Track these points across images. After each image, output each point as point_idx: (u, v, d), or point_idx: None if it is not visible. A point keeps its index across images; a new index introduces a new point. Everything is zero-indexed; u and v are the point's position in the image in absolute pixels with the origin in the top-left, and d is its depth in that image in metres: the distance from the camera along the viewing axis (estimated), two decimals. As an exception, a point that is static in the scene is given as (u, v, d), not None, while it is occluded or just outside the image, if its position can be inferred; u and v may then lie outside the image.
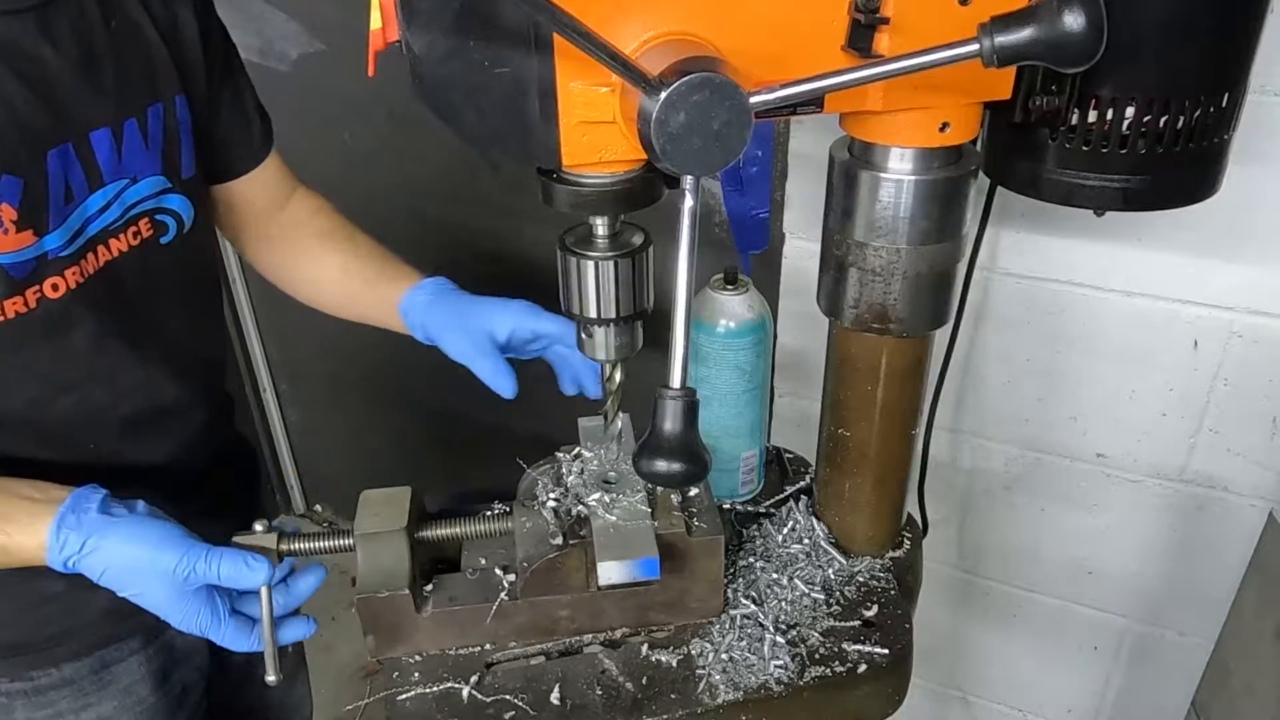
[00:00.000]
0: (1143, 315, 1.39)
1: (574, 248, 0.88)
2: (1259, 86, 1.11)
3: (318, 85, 2.18)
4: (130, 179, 1.02)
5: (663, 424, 0.70)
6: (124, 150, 1.01)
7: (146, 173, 1.04)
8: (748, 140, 0.67)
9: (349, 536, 1.02)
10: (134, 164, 1.02)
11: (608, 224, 0.87)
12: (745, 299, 1.16)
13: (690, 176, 0.69)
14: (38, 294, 0.95)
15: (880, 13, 0.76)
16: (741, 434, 1.23)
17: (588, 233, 0.88)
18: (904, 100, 0.84)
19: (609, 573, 0.96)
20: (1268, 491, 1.44)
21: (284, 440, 2.97)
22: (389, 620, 1.03)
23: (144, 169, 1.04)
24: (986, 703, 1.94)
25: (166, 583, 0.91)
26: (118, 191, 1.01)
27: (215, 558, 0.91)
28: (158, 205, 1.07)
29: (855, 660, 1.05)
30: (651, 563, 0.96)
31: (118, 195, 1.01)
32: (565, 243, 0.89)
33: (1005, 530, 1.69)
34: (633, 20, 0.72)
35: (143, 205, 1.05)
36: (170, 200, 1.08)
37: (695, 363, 1.18)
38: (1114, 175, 0.91)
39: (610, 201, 0.82)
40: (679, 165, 0.67)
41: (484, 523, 1.07)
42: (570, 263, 0.89)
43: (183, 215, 1.10)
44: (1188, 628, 1.63)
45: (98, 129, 0.98)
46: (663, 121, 0.65)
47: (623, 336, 0.94)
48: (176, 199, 1.09)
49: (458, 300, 1.19)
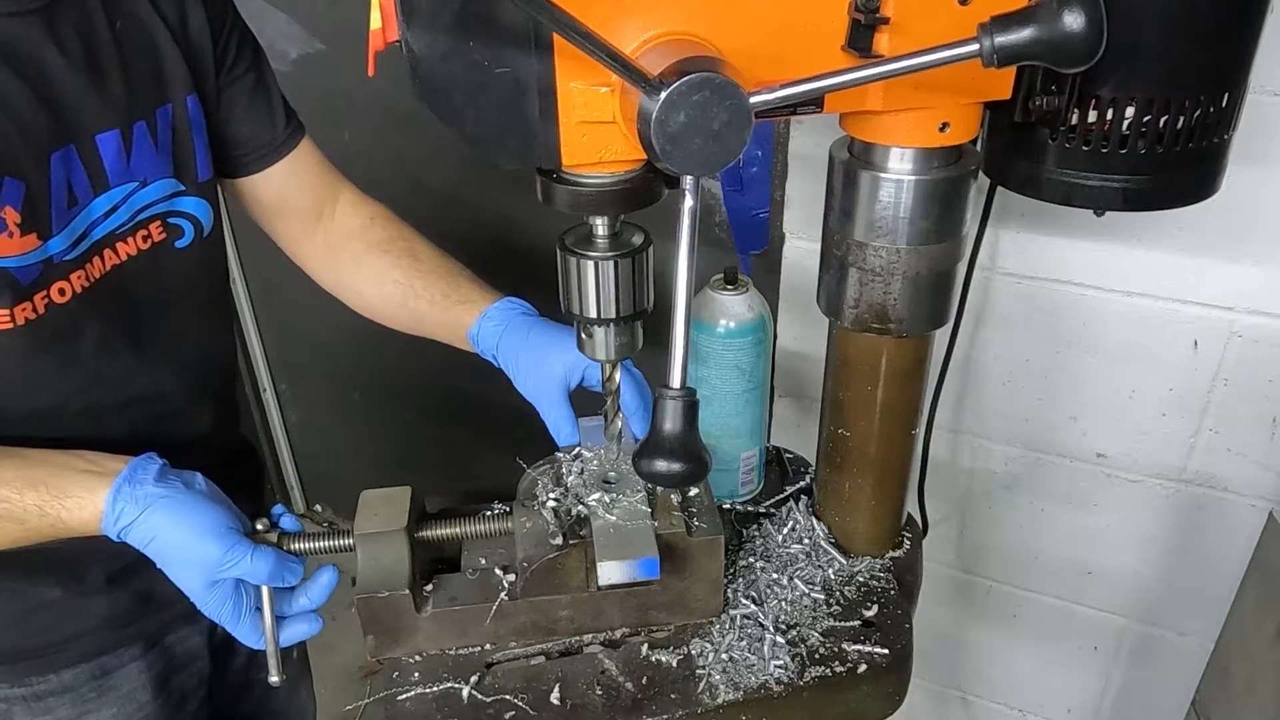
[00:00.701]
0: (1142, 315, 1.39)
1: (574, 247, 0.88)
2: (1259, 86, 1.11)
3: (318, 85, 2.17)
4: (140, 182, 1.01)
5: (663, 424, 0.70)
6: (133, 153, 1.00)
7: (157, 175, 1.02)
8: (748, 140, 0.67)
9: (349, 536, 1.02)
10: (143, 167, 1.01)
11: (607, 224, 0.87)
12: (745, 299, 1.16)
13: (690, 176, 0.69)
14: (45, 299, 0.94)
15: (880, 13, 0.76)
16: (741, 434, 1.23)
17: (588, 232, 0.88)
18: (904, 100, 0.83)
19: (609, 573, 0.96)
20: (1268, 491, 1.44)
21: (284, 440, 2.97)
22: (389, 620, 1.03)
23: (154, 172, 1.02)
24: (986, 703, 1.94)
25: (203, 572, 0.92)
26: (125, 195, 1.00)
27: (257, 558, 0.92)
28: (170, 209, 1.05)
29: (855, 660, 1.05)
30: (652, 563, 0.96)
31: (125, 199, 1.00)
32: (565, 243, 0.89)
33: (1005, 530, 1.69)
34: (633, 20, 0.72)
35: (153, 209, 1.03)
36: (185, 203, 1.07)
37: (695, 363, 1.18)
38: (1114, 175, 0.91)
39: (610, 201, 0.82)
40: (679, 165, 0.67)
41: (484, 523, 1.07)
42: (570, 263, 0.88)
43: (200, 218, 1.09)
44: (1188, 628, 1.63)
45: (105, 131, 0.97)
46: (663, 121, 0.65)
47: (623, 336, 0.94)
48: (192, 201, 1.07)
49: (529, 334, 1.13)
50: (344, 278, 1.26)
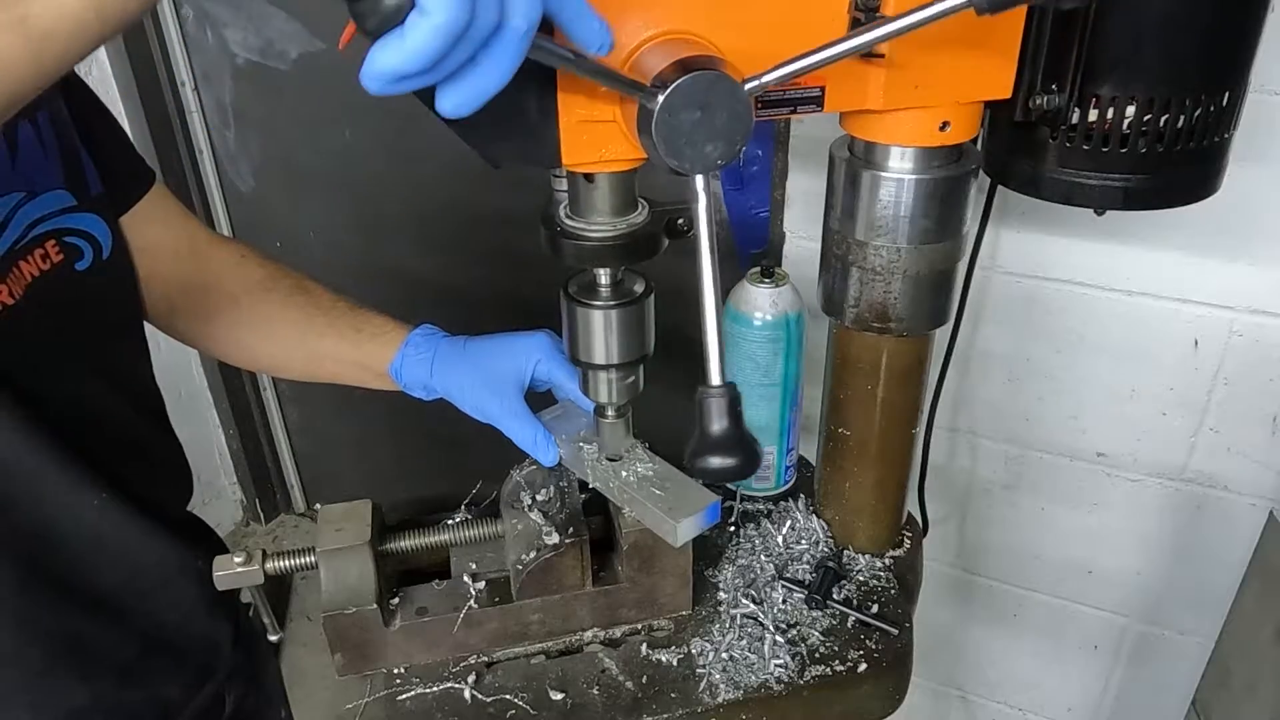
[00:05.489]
0: (1143, 314, 1.39)
1: (577, 296, 0.89)
2: (1259, 86, 1.11)
3: (318, 85, 2.18)
4: (27, 192, 0.87)
5: (709, 424, 0.70)
6: (19, 155, 0.86)
7: (47, 185, 0.89)
8: (748, 138, 0.67)
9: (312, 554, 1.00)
10: (31, 173, 0.87)
11: (610, 273, 0.88)
12: (771, 294, 1.16)
13: (699, 177, 0.69)
14: None
15: (880, 11, 0.76)
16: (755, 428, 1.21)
17: (591, 280, 0.89)
18: (904, 99, 0.83)
19: (687, 530, 0.96)
20: (1268, 491, 1.44)
21: (284, 440, 2.97)
22: (356, 636, 1.01)
23: (44, 180, 0.88)
24: (986, 702, 1.94)
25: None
26: (14, 205, 0.85)
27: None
28: (65, 225, 0.90)
29: (855, 660, 1.05)
30: (715, 506, 0.98)
31: (15, 209, 0.86)
32: (569, 291, 0.90)
33: (1005, 530, 1.69)
34: (633, 20, 0.72)
35: (46, 224, 0.89)
36: (79, 219, 0.92)
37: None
38: (1114, 174, 0.91)
39: (612, 255, 0.84)
40: (680, 164, 0.67)
41: (448, 532, 1.06)
42: (574, 311, 0.89)
43: (98, 237, 0.94)
44: (1188, 627, 1.63)
45: None
46: (663, 120, 0.65)
47: (625, 380, 0.95)
48: (88, 218, 0.93)
49: (464, 352, 1.03)
50: (237, 333, 1.10)
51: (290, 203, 2.44)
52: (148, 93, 2.26)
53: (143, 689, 1.01)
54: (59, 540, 0.91)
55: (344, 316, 1.08)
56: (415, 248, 2.37)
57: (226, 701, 1.11)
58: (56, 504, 0.90)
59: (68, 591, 0.93)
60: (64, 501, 0.90)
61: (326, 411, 2.88)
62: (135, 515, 0.96)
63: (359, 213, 2.37)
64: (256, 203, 2.48)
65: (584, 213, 0.83)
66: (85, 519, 0.92)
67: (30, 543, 0.89)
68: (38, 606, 0.91)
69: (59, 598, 0.92)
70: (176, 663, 1.04)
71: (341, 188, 2.35)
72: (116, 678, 0.98)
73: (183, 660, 1.05)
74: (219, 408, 2.80)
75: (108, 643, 0.97)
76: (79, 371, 0.93)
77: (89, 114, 0.97)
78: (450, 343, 1.05)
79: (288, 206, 2.45)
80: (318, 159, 2.33)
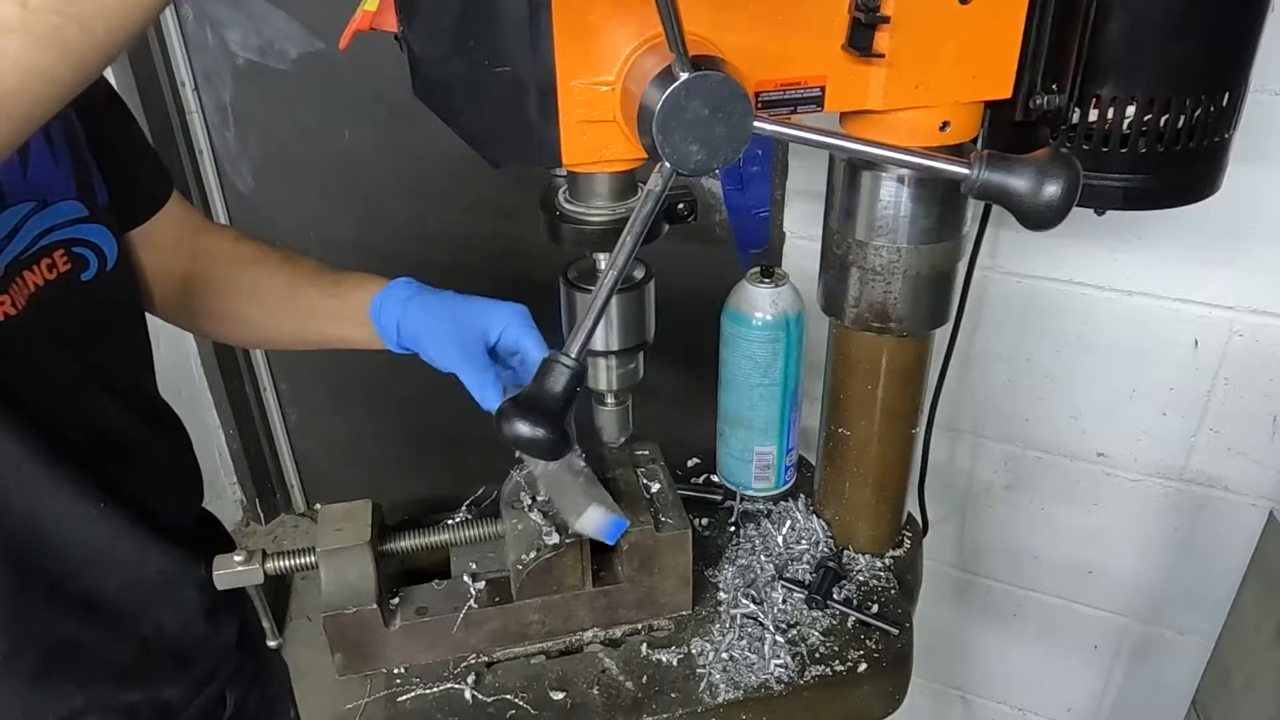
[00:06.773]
0: (1143, 314, 1.39)
1: (577, 282, 0.89)
2: (1259, 86, 1.11)
3: (318, 84, 2.17)
4: (39, 201, 0.87)
5: (542, 386, 0.67)
6: (31, 164, 0.86)
7: (59, 195, 0.89)
8: (749, 138, 0.67)
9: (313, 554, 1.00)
10: (44, 183, 0.88)
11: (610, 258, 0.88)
12: (770, 295, 1.15)
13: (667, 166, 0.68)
14: None
15: (881, 11, 0.76)
16: (754, 427, 1.22)
17: (590, 267, 0.89)
18: (905, 99, 0.83)
19: (595, 518, 0.96)
20: (1268, 491, 1.44)
21: (284, 440, 2.97)
22: (356, 636, 1.01)
23: (56, 190, 0.89)
24: (986, 702, 1.94)
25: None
26: (25, 215, 0.86)
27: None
28: (74, 235, 0.91)
29: (855, 660, 1.05)
30: (621, 524, 0.98)
31: (25, 219, 0.86)
32: (568, 277, 0.90)
33: (1005, 530, 1.69)
34: (633, 19, 0.72)
35: (56, 234, 0.89)
36: (88, 230, 0.93)
37: (721, 344, 1.20)
38: (1114, 174, 0.91)
39: (613, 238, 0.83)
40: (679, 163, 0.67)
41: (448, 532, 1.06)
42: (574, 296, 0.90)
43: (104, 249, 0.95)
44: (1188, 627, 1.63)
45: None
46: (663, 120, 0.65)
47: (625, 367, 0.95)
48: (96, 229, 0.94)
49: (440, 298, 1.06)
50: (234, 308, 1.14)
51: (290, 203, 2.44)
52: (148, 93, 2.26)
53: (141, 692, 1.00)
54: (56, 547, 0.91)
55: (327, 274, 1.13)
56: (415, 247, 2.37)
57: (228, 703, 1.11)
58: (54, 511, 0.90)
59: (65, 598, 0.93)
60: (62, 509, 0.90)
61: (326, 412, 2.87)
62: (135, 523, 0.96)
63: (359, 213, 2.37)
64: (256, 203, 2.48)
65: (583, 197, 0.83)
66: (84, 527, 0.92)
67: (27, 549, 0.89)
68: (33, 612, 0.91)
69: (55, 604, 0.92)
70: (176, 666, 1.04)
71: (341, 188, 2.35)
72: (114, 681, 0.98)
73: (183, 664, 1.04)
74: (219, 408, 2.80)
75: (105, 648, 0.97)
76: (79, 381, 0.93)
77: (106, 124, 0.98)
78: (429, 291, 1.08)
79: (288, 206, 2.45)
80: (318, 159, 2.33)
